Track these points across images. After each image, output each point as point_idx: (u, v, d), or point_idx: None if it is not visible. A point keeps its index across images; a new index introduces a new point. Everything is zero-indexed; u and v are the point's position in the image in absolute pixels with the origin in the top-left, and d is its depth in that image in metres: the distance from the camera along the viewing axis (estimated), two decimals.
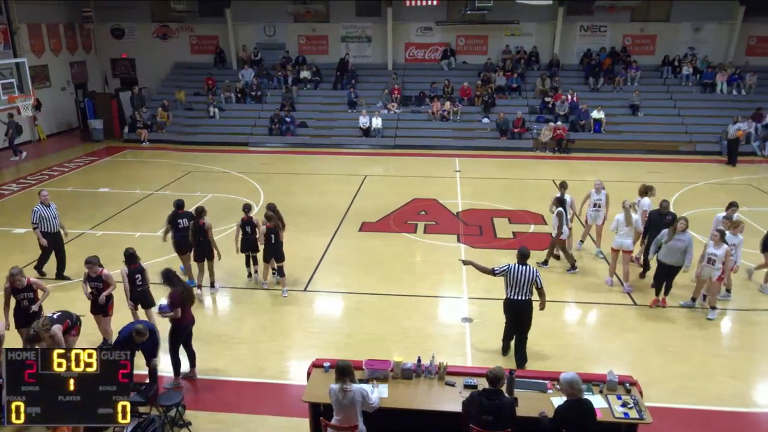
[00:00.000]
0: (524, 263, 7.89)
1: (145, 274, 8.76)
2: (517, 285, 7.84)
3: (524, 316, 8.04)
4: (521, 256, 7.93)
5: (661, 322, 9.55)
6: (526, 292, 7.88)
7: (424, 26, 26.44)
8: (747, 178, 18.67)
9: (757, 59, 25.50)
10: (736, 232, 9.96)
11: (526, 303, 7.94)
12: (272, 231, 10.24)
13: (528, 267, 7.88)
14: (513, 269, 7.84)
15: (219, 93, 25.58)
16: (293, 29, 27.02)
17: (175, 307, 7.54)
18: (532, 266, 7.98)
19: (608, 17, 25.54)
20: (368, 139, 23.32)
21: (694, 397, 7.63)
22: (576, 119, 22.98)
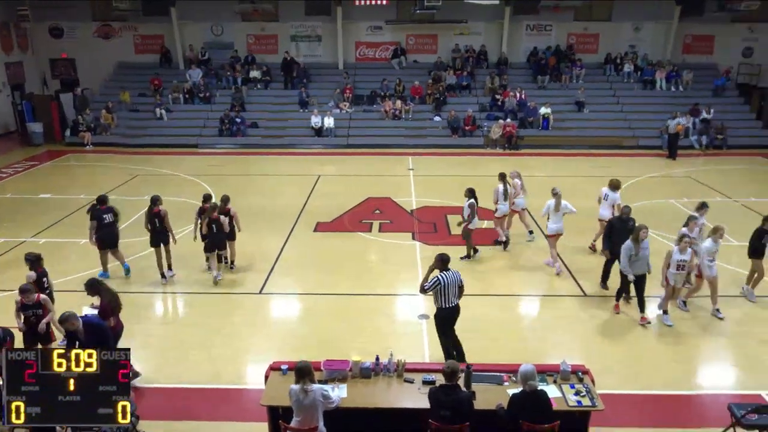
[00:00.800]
0: (448, 269, 7.71)
1: (49, 278, 8.49)
2: (448, 293, 7.65)
3: (455, 320, 7.91)
4: (444, 262, 7.69)
5: (610, 311, 9.86)
6: (456, 296, 7.75)
7: (374, 25, 26.49)
8: (687, 171, 19.50)
9: (693, 57, 26.70)
10: (717, 238, 9.53)
11: (457, 307, 7.80)
12: (214, 221, 10.52)
13: (453, 271, 7.74)
14: (444, 279, 7.60)
15: (166, 94, 24.95)
16: (241, 28, 26.60)
17: (107, 317, 7.33)
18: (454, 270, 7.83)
19: (553, 17, 26.20)
20: (321, 138, 23.21)
21: (643, 383, 7.93)
22: (525, 116, 23.49)
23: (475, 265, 11.85)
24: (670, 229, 13.53)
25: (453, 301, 7.72)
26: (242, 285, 10.88)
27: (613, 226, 10.31)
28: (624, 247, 9.23)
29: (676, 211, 15.15)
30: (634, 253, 9.13)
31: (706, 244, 9.67)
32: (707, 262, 9.55)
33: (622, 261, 9.29)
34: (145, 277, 11.14)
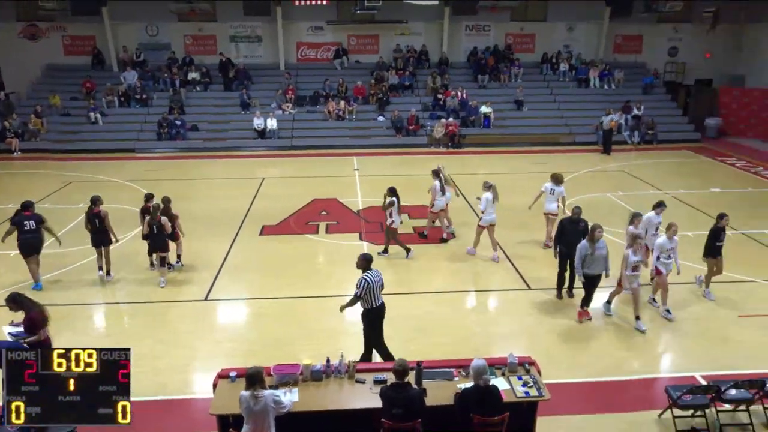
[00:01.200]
0: (371, 268, 7.71)
1: None
2: (375, 292, 7.65)
3: (383, 318, 7.88)
4: (368, 262, 7.72)
5: (552, 303, 10.16)
6: (380, 294, 7.79)
7: (315, 26, 26.34)
8: (620, 165, 20.33)
9: (624, 56, 27.88)
10: (671, 235, 9.45)
11: (384, 305, 7.83)
12: (155, 222, 10.50)
13: (376, 270, 7.76)
14: (371, 280, 7.57)
15: (99, 97, 23.99)
16: (178, 29, 25.90)
17: (37, 329, 7.02)
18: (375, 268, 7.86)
19: (491, 17, 26.77)
20: (264, 140, 22.90)
21: (586, 371, 8.22)
22: (466, 115, 23.90)
23: (419, 263, 11.97)
24: (608, 222, 14.08)
25: (380, 299, 7.78)
26: (187, 292, 10.60)
27: (563, 228, 10.03)
28: (579, 247, 9.12)
29: (612, 204, 15.79)
30: (589, 253, 9.03)
31: (659, 240, 9.61)
32: (663, 260, 9.48)
33: (576, 261, 9.18)
34: (85, 288, 10.71)
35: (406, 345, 8.72)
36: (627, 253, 9.14)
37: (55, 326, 9.13)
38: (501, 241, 12.67)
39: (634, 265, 9.09)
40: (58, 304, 9.98)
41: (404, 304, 10.11)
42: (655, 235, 10.42)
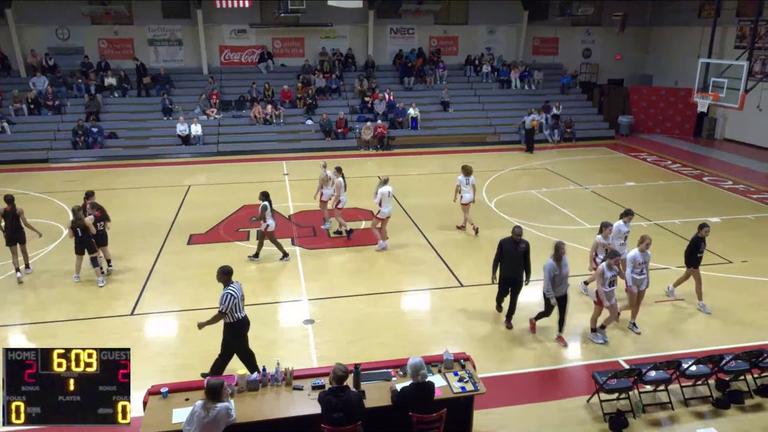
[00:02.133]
0: (232, 281, 7.52)
1: None
2: (240, 304, 7.46)
3: (248, 329, 7.73)
4: (229, 275, 7.50)
5: (484, 298, 10.41)
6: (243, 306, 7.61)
7: (237, 29, 25.81)
8: (543, 163, 21.15)
9: (542, 58, 29.02)
10: (644, 248, 9.01)
11: (247, 317, 7.66)
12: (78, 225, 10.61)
13: (237, 283, 7.57)
14: (236, 291, 7.39)
15: (6, 104, 22.48)
16: (91, 32, 24.66)
17: None
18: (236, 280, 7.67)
19: (415, 20, 27.16)
20: (188, 147, 22.20)
21: (518, 362, 8.50)
22: (394, 117, 24.14)
23: (352, 265, 12.00)
24: (533, 218, 14.66)
25: (243, 311, 7.57)
26: (112, 308, 10.13)
27: (503, 249, 9.15)
28: (546, 267, 8.55)
29: (537, 200, 16.39)
30: (557, 273, 8.53)
31: (631, 254, 9.09)
32: (634, 275, 9.03)
33: (545, 283, 8.62)
34: (3, 305, 10.03)
35: (344, 348, 8.73)
36: (602, 268, 8.58)
37: None
38: (434, 241, 12.96)
39: (610, 280, 8.59)
40: None
41: (337, 308, 10.11)
42: (624, 245, 10.06)
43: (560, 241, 8.72)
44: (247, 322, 7.67)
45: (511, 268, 9.13)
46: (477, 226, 13.62)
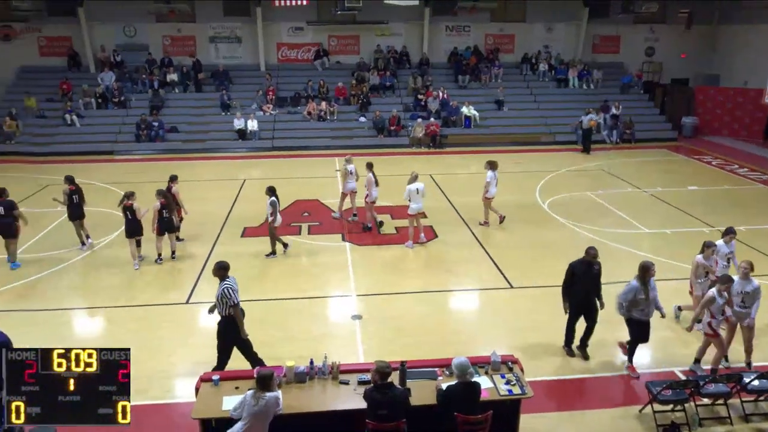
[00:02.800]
0: (229, 276, 7.53)
1: None
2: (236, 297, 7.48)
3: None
4: (225, 270, 7.51)
5: (534, 300, 10.24)
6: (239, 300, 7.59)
7: (295, 26, 26.23)
8: (600, 164, 20.57)
9: (601, 56, 28.21)
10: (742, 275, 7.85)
11: (242, 310, 7.69)
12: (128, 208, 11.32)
13: (232, 277, 7.56)
14: (233, 285, 7.42)
15: (76, 99, 23.62)
16: (156, 29, 25.60)
17: None
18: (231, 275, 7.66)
19: (470, 18, 26.90)
20: (245, 142, 22.74)
21: (568, 368, 8.30)
22: (447, 116, 23.99)
23: (397, 263, 12.01)
24: (587, 220, 14.29)
25: (239, 304, 7.62)
26: (168, 295, 10.50)
27: (575, 272, 8.22)
28: (629, 289, 7.67)
29: (592, 202, 15.96)
30: (643, 297, 7.64)
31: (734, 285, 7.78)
32: (736, 308, 7.82)
33: (621, 305, 7.81)
34: (63, 294, 10.55)
35: (387, 345, 8.75)
36: (711, 295, 7.54)
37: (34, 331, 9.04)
38: (484, 240, 12.84)
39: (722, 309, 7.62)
40: (40, 309, 9.86)
41: (384, 305, 10.14)
42: (727, 266, 9.11)
43: (648, 261, 7.87)
44: (241, 315, 7.73)
45: (584, 292, 8.20)
46: (503, 214, 13.86)
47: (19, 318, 9.56)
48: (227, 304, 7.37)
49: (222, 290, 7.35)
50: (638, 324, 7.84)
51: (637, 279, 7.69)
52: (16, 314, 9.69)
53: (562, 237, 13.32)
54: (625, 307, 7.80)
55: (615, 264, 11.65)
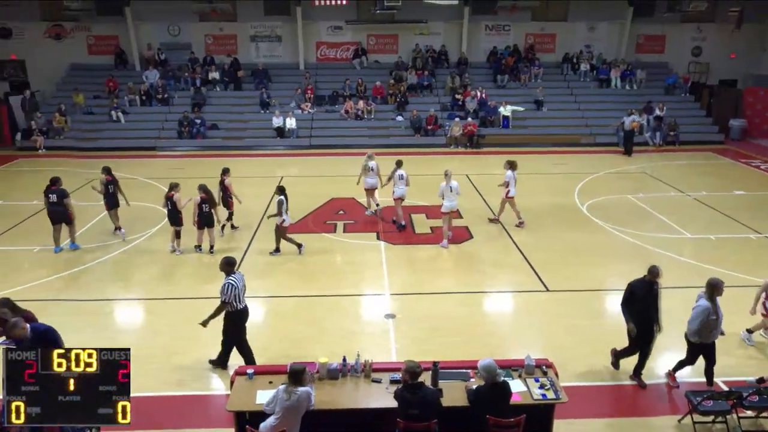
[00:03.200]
0: (234, 272, 7.75)
1: None
2: (240, 294, 7.70)
3: (247, 320, 7.96)
4: (231, 265, 7.74)
5: (570, 304, 10.07)
6: (244, 296, 7.82)
7: (334, 25, 26.42)
8: (642, 167, 20.07)
9: (646, 56, 27.51)
10: None
11: (247, 307, 7.92)
12: (169, 198, 11.75)
13: (239, 273, 7.81)
14: (237, 282, 7.64)
15: (122, 96, 24.33)
16: (199, 29, 26.16)
17: None
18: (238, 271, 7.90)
19: (511, 17, 26.60)
20: (283, 139, 23.01)
21: (603, 374, 8.13)
22: (485, 115, 23.78)
23: (433, 263, 11.95)
24: (627, 224, 13.96)
25: (244, 301, 7.80)
26: (205, 290, 10.69)
27: (633, 292, 7.66)
28: (702, 310, 7.18)
29: (633, 205, 15.59)
30: (714, 317, 7.22)
31: None
32: None
33: (694, 327, 7.28)
34: (105, 286, 10.87)
35: (420, 345, 8.73)
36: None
37: (77, 320, 9.35)
38: (520, 242, 12.69)
39: None
40: (84, 299, 10.19)
41: (418, 304, 10.12)
42: None
43: (717, 278, 7.39)
44: (246, 313, 7.89)
45: (643, 314, 7.58)
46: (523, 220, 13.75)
47: (64, 307, 9.90)
48: (232, 300, 7.58)
49: (223, 284, 7.58)
50: (703, 347, 7.40)
51: (706, 298, 7.23)
52: (62, 303, 10.04)
53: (601, 241, 13.06)
54: (700, 333, 7.24)
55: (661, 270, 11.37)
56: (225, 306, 7.65)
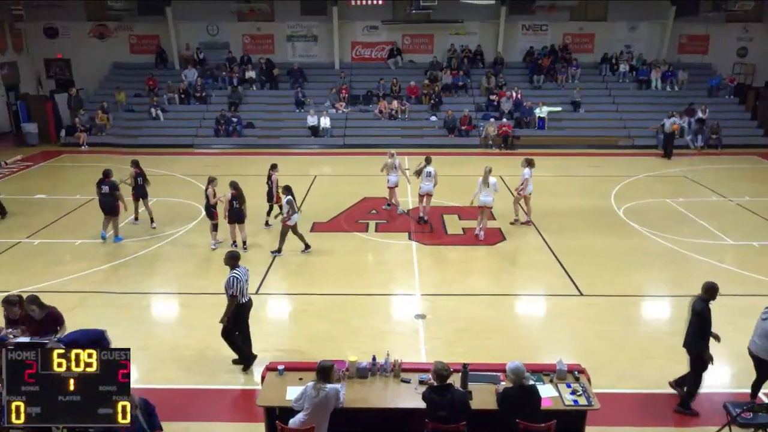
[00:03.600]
0: (239, 265, 7.87)
1: None
2: (244, 288, 7.84)
3: (249, 313, 8.18)
4: (235, 259, 7.88)
5: (605, 310, 9.88)
6: (247, 290, 8.00)
7: (370, 25, 26.49)
8: (682, 170, 19.56)
9: (688, 56, 26.79)
10: None
11: (251, 301, 8.15)
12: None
13: (244, 267, 7.95)
14: (241, 275, 7.76)
15: (161, 94, 24.89)
16: (237, 28, 26.56)
17: (61, 323, 7.23)
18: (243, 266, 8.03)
19: (549, 16, 26.24)
20: (317, 138, 23.19)
21: (637, 381, 7.94)
22: (520, 116, 23.52)
23: (465, 264, 11.87)
24: (666, 229, 13.63)
25: (247, 295, 7.97)
26: None
27: (703, 316, 6.97)
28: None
29: (672, 210, 15.21)
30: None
31: None
32: None
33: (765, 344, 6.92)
34: (143, 279, 11.13)
35: (452, 346, 8.69)
36: None
37: (115, 313, 9.60)
38: (553, 245, 12.51)
39: None
40: (121, 292, 10.47)
41: (448, 305, 10.07)
42: None
43: None
44: (249, 306, 8.07)
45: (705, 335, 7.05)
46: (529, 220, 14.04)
47: (103, 299, 10.19)
48: (229, 292, 7.74)
49: (228, 278, 7.72)
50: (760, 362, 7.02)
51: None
52: (101, 295, 10.33)
53: (638, 245, 12.78)
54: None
55: (698, 277, 11.06)
56: (234, 299, 7.77)
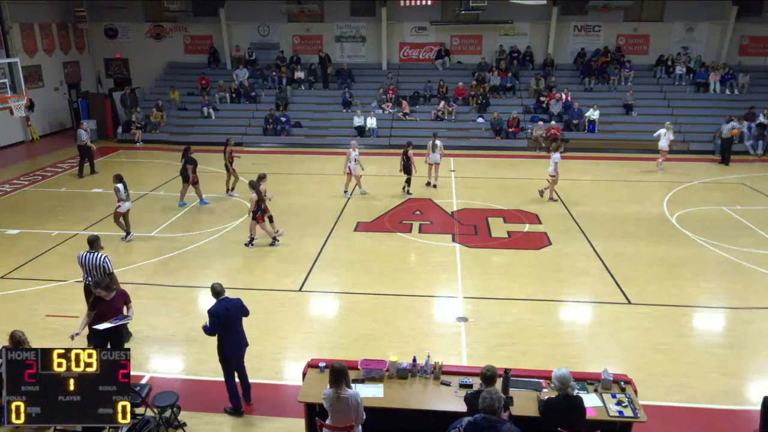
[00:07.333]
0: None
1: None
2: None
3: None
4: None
5: (654, 320, 9.58)
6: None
7: (418, 26, 26.45)
8: (740, 177, 18.76)
9: (750, 59, 25.65)
10: None
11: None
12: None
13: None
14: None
15: (213, 93, 25.52)
16: (287, 29, 26.98)
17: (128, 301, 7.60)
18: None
19: (602, 17, 25.61)
20: (363, 138, 23.26)
21: (687, 395, 7.67)
22: (570, 119, 23.04)
23: (511, 269, 11.71)
24: (721, 237, 13.11)
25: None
26: (282, 282, 11.03)
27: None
28: None
29: (728, 218, 14.61)
30: None
31: None
32: None
33: None
34: (190, 273, 11.44)
35: (494, 351, 8.59)
36: None
37: (163, 304, 9.90)
38: (601, 251, 12.20)
39: None
40: (168, 285, 10.78)
41: (491, 309, 9.96)
42: None
43: None
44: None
45: None
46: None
47: (153, 291, 10.52)
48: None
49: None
50: None
51: None
52: (151, 287, 10.67)
53: (691, 254, 12.33)
54: None
55: (757, 289, 10.63)
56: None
